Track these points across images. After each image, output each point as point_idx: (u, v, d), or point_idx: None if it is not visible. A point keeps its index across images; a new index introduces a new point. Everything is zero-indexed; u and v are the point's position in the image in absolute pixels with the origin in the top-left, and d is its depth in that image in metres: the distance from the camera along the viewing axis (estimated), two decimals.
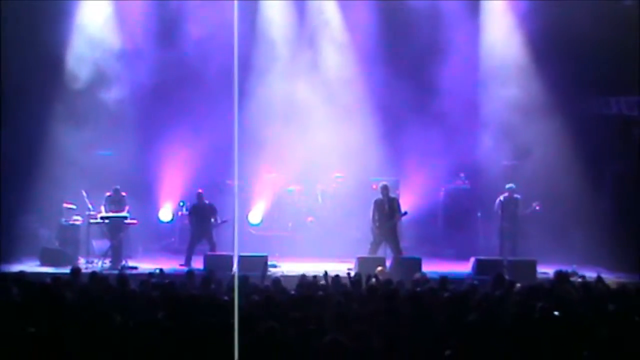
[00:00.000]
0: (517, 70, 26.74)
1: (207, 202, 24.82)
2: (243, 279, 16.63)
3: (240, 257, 21.26)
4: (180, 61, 26.62)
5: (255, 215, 26.96)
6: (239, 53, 15.45)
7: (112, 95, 26.15)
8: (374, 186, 25.70)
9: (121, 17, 26.80)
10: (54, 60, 25.93)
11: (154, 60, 26.74)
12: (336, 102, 26.75)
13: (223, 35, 24.68)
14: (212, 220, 24.67)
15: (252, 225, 26.82)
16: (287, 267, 22.71)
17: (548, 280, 19.20)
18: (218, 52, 25.10)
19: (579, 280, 19.25)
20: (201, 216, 24.71)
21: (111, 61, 26.47)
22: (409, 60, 27.14)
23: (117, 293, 15.57)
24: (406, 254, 24.21)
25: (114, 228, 24.16)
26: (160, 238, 26.62)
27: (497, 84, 26.96)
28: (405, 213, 24.58)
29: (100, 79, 26.19)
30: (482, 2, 27.55)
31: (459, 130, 26.73)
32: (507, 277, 19.18)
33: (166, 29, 26.92)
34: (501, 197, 25.29)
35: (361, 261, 22.55)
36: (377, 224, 24.34)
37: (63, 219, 24.69)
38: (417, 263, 22.79)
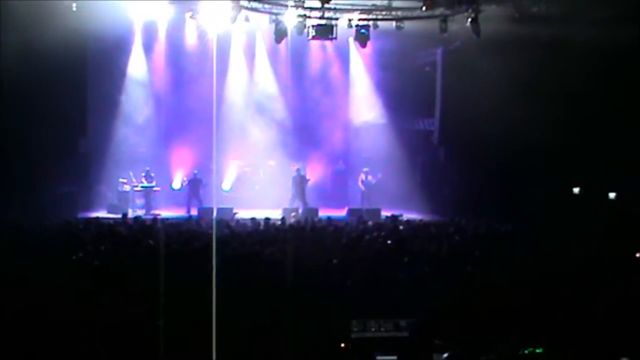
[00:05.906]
0: (370, 100, 26.70)
1: (199, 177, 24.42)
2: (219, 220, 16.54)
3: (218, 209, 21.17)
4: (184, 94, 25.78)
5: (226, 184, 26.59)
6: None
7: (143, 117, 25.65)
8: (292, 168, 25.59)
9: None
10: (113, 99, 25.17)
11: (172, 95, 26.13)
12: (269, 117, 26.35)
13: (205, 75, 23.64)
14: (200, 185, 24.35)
15: (224, 190, 26.43)
16: (243, 213, 22.48)
17: (386, 219, 19.35)
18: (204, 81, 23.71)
19: (404, 219, 19.41)
20: (194, 185, 24.32)
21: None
22: (308, 90, 26.73)
23: (150, 229, 15.43)
24: (310, 205, 24.07)
25: (147, 193, 24.01)
26: (173, 197, 26.09)
27: (359, 110, 26.94)
28: (308, 180, 24.66)
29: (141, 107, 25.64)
30: (350, 53, 26.99)
31: (338, 135, 26.83)
32: (364, 218, 19.37)
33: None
34: (362, 174, 25.53)
35: (284, 210, 22.46)
36: (293, 189, 24.42)
37: (119, 187, 24.24)
38: (315, 211, 22.83)
